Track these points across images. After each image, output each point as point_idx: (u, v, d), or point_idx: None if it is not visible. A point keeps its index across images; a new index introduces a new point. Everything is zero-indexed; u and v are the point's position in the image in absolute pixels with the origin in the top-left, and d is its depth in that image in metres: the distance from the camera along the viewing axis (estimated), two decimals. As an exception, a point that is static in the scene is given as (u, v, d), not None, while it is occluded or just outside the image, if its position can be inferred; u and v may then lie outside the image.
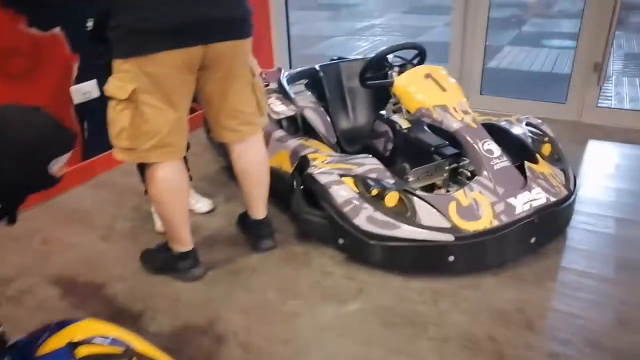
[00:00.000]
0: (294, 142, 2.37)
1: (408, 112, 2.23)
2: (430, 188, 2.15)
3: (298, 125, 2.62)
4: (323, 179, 1.99)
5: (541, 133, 2.33)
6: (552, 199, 1.92)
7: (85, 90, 2.65)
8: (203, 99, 1.82)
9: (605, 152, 2.91)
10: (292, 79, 2.90)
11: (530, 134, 2.30)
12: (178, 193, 1.80)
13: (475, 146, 1.98)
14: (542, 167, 2.07)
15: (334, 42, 6.69)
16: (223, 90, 1.77)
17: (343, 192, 1.93)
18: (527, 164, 2.00)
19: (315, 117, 2.56)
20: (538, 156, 2.14)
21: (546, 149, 2.23)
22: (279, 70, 3.01)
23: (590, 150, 2.92)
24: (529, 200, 1.87)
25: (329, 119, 2.59)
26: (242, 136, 1.89)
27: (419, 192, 1.90)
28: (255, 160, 1.95)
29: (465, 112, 2.10)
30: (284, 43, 4.17)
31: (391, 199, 1.88)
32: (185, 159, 2.40)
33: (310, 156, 2.21)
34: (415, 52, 2.49)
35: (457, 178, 2.12)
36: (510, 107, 3.52)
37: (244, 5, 1.70)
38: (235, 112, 1.83)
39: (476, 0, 3.36)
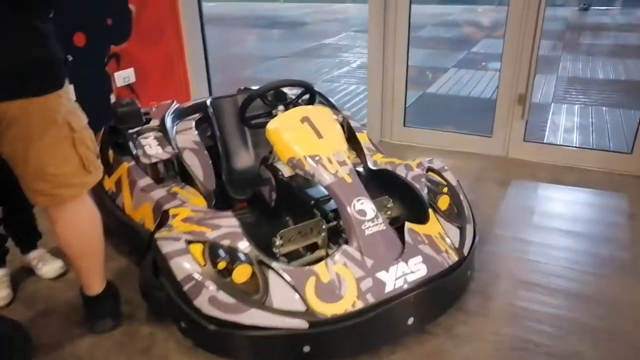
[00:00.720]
0: (159, 193, 2.04)
1: (285, 160, 1.92)
2: (313, 247, 1.84)
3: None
4: (165, 247, 1.65)
5: (441, 181, 2.04)
6: (435, 270, 1.62)
7: None
8: (5, 159, 1.48)
9: (526, 196, 2.64)
10: (181, 115, 2.57)
11: (429, 183, 2.01)
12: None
13: (347, 206, 1.67)
14: (431, 227, 1.78)
15: (275, 64, 6.40)
16: (24, 151, 1.43)
17: (185, 265, 1.59)
18: (407, 225, 1.70)
19: (194, 161, 2.23)
20: (431, 212, 1.85)
21: (443, 201, 1.93)
22: (172, 103, 2.69)
23: (511, 194, 2.65)
24: (403, 273, 1.56)
25: (210, 162, 2.26)
26: (59, 200, 1.53)
27: (275, 265, 1.58)
28: (80, 227, 1.60)
29: (342, 163, 1.79)
30: (200, 67, 3.84)
31: (240, 274, 1.55)
32: (32, 216, 2.05)
33: (172, 211, 1.88)
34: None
35: (339, 238, 1.82)
36: (435, 140, 3.26)
37: (36, 52, 1.35)
38: (45, 175, 1.47)
39: (394, 19, 3.07)
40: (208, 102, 2.52)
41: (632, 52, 6.28)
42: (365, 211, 1.66)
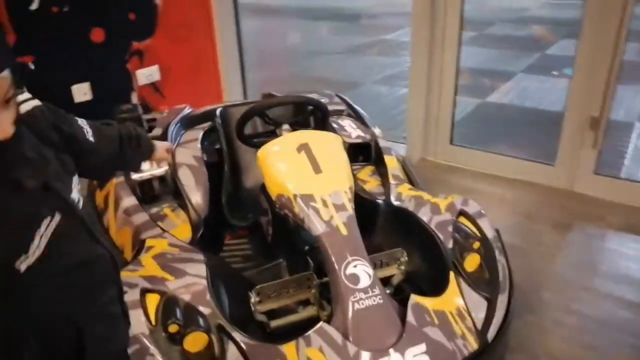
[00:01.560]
0: (141, 217, 1.79)
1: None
2: (305, 302, 1.52)
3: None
4: (116, 296, 1.38)
5: (474, 232, 1.62)
6: (443, 365, 1.23)
7: None
8: None
9: (590, 247, 2.13)
10: (189, 123, 2.31)
11: (457, 234, 1.59)
12: None
13: (336, 266, 1.32)
14: (448, 299, 1.37)
15: (324, 60, 6.03)
16: None
17: (133, 323, 1.31)
18: (413, 299, 1.31)
19: (189, 180, 1.95)
20: (452, 276, 1.45)
21: (472, 261, 1.51)
22: (184, 108, 2.43)
23: (571, 242, 2.15)
24: (398, 369, 1.19)
25: (207, 183, 1.97)
26: None
27: (238, 336, 1.26)
28: None
29: (340, 208, 1.43)
30: (234, 65, 3.58)
31: (193, 342, 1.25)
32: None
33: (149, 242, 1.62)
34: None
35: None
36: (486, 164, 2.79)
37: None
38: None
39: (443, 13, 2.61)
40: (217, 112, 2.23)
41: None
42: (358, 276, 1.30)
